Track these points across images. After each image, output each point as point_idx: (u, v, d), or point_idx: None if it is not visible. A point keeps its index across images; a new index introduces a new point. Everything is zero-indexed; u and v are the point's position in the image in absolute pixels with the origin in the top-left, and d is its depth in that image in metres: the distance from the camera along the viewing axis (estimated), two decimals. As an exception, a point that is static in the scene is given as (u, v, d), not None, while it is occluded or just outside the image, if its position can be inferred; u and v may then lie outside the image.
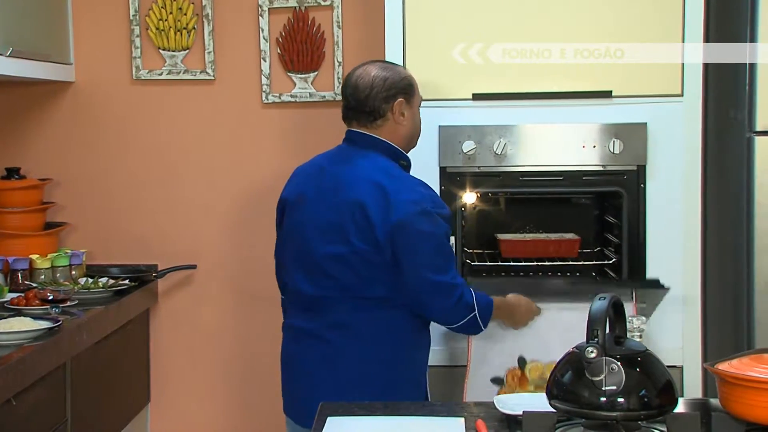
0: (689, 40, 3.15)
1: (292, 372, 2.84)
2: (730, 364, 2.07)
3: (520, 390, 2.97)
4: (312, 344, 2.76)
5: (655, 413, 1.95)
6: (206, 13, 3.80)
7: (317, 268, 2.72)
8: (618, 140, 3.15)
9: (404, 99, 2.78)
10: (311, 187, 2.79)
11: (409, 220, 2.63)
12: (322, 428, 2.15)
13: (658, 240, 3.20)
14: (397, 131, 2.79)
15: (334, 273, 2.70)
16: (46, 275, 3.54)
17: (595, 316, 1.96)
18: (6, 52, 3.18)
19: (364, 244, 2.65)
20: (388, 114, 2.77)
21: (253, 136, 3.85)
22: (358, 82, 2.78)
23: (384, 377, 2.71)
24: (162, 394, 3.96)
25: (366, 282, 2.68)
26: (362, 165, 2.73)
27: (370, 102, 2.76)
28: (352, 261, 2.67)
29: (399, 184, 2.69)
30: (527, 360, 3.02)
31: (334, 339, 2.72)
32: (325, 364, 2.73)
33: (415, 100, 2.83)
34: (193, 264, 3.85)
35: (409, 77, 2.82)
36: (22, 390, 2.63)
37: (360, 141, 2.79)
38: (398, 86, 2.77)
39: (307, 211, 2.77)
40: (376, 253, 2.64)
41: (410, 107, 2.80)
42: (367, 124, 2.78)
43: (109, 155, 3.89)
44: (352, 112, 2.80)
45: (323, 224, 2.72)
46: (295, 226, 2.81)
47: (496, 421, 2.16)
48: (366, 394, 2.57)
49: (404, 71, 2.84)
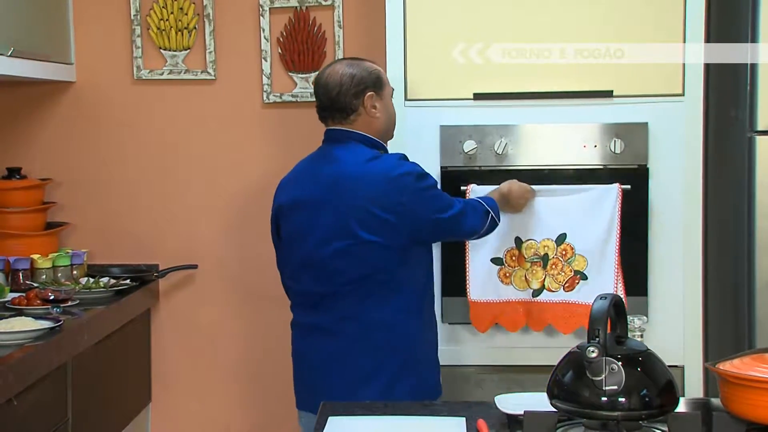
0: (690, 39, 3.15)
1: (305, 367, 2.90)
2: (732, 363, 2.07)
3: (519, 268, 3.14)
4: (322, 339, 2.83)
5: (656, 413, 1.95)
6: (207, 12, 3.80)
7: (324, 267, 2.78)
8: (619, 140, 3.15)
9: (373, 92, 2.84)
10: (306, 192, 2.83)
11: (412, 188, 2.74)
12: (323, 428, 2.16)
13: (660, 239, 3.20)
14: (371, 124, 2.86)
15: (341, 268, 2.76)
16: (47, 275, 3.54)
17: (596, 315, 1.96)
18: (7, 52, 3.18)
19: (374, 236, 2.72)
20: (360, 108, 2.84)
21: (254, 136, 3.85)
22: (328, 81, 2.85)
23: (398, 362, 2.78)
24: (163, 393, 3.96)
25: (374, 270, 2.75)
26: (347, 159, 2.80)
27: (341, 99, 2.83)
28: (358, 252, 2.73)
29: (386, 163, 2.78)
30: (522, 240, 3.14)
31: (344, 331, 2.79)
32: (339, 356, 2.79)
33: (385, 91, 2.89)
34: (194, 264, 3.86)
35: (376, 70, 2.88)
36: (23, 390, 2.63)
37: (339, 136, 2.86)
38: (366, 81, 2.84)
39: (307, 215, 2.81)
40: (393, 237, 2.73)
41: (381, 99, 2.87)
42: (342, 120, 2.85)
43: (110, 155, 3.89)
44: (327, 111, 2.87)
45: (325, 225, 2.76)
46: (297, 231, 2.84)
47: (497, 420, 2.16)
48: (382, 381, 2.72)
49: (371, 65, 2.89)
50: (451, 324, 3.24)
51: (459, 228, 2.87)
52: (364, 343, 2.78)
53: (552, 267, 3.13)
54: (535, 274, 3.14)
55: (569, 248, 3.12)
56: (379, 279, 2.76)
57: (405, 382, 2.78)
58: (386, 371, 2.77)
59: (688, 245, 3.19)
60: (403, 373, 2.78)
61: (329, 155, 2.85)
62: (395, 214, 2.72)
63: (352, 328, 2.79)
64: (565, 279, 3.13)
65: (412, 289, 2.82)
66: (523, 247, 3.15)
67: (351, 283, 2.76)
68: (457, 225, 2.85)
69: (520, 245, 3.15)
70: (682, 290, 3.20)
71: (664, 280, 3.19)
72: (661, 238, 3.20)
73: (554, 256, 3.13)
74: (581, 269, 3.12)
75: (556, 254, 3.13)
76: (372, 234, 2.72)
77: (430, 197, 2.78)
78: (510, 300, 3.16)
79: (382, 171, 2.75)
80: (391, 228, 2.72)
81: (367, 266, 2.75)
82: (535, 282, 3.14)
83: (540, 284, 3.14)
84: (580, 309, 3.10)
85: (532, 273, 3.14)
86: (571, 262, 3.12)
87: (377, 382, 2.76)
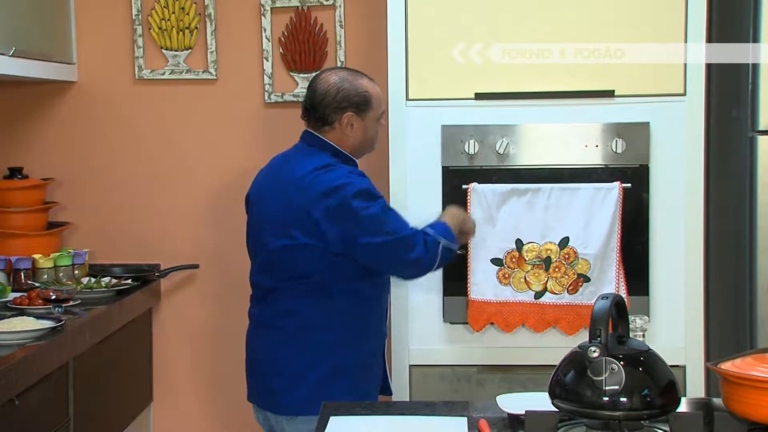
0: (692, 39, 3.15)
1: (249, 360, 2.98)
2: (733, 363, 2.07)
3: (518, 269, 3.13)
4: (265, 332, 2.91)
5: (657, 413, 1.95)
6: (209, 12, 3.81)
7: (270, 261, 2.84)
8: (620, 140, 3.15)
9: (354, 113, 2.85)
10: (266, 186, 2.92)
11: (345, 205, 2.71)
12: (324, 428, 2.16)
13: (661, 239, 3.20)
14: (343, 140, 2.87)
15: (282, 264, 2.81)
16: (48, 275, 3.54)
17: (597, 315, 1.96)
18: (9, 52, 3.18)
19: (308, 238, 2.75)
20: (336, 123, 2.85)
21: (255, 136, 3.85)
22: (317, 86, 2.88)
23: (330, 363, 2.82)
24: (165, 393, 3.96)
25: (310, 271, 2.78)
26: (303, 164, 2.83)
27: (321, 109, 2.85)
28: (296, 252, 2.77)
29: (332, 175, 2.77)
30: (523, 242, 3.13)
31: (283, 328, 2.85)
32: (277, 352, 2.85)
33: (370, 114, 2.87)
34: (196, 264, 3.86)
35: (365, 93, 2.86)
36: (25, 389, 2.64)
37: (310, 141, 2.90)
38: (350, 100, 2.84)
39: (263, 207, 2.89)
40: (323, 243, 2.75)
41: (361, 120, 2.86)
42: (317, 127, 2.88)
43: (112, 155, 3.89)
44: (308, 112, 2.90)
45: (274, 219, 2.83)
46: (253, 222, 2.95)
47: (499, 420, 2.16)
48: (312, 380, 2.78)
49: (364, 84, 2.87)
50: (452, 324, 3.24)
51: (397, 257, 2.75)
52: (299, 342, 2.82)
53: (555, 270, 3.13)
54: (537, 276, 3.14)
55: (572, 252, 3.12)
56: (315, 281, 2.79)
57: (337, 385, 2.81)
58: (318, 372, 2.80)
59: (689, 245, 3.19)
60: (335, 377, 2.80)
61: (292, 156, 2.91)
62: (327, 224, 2.73)
63: (291, 325, 2.82)
64: (568, 282, 3.13)
65: (348, 297, 2.82)
66: (523, 249, 3.15)
67: (290, 280, 2.81)
68: (394, 253, 2.74)
69: (521, 247, 3.15)
70: (683, 290, 3.19)
71: (666, 279, 3.19)
72: (662, 238, 3.20)
73: (557, 259, 3.13)
74: (584, 272, 3.12)
75: (559, 258, 3.13)
76: (307, 237, 2.75)
77: (361, 217, 2.72)
78: (507, 301, 3.16)
79: (323, 182, 2.75)
80: (323, 236, 2.74)
81: (304, 267, 2.78)
82: (537, 284, 3.14)
83: (542, 286, 3.14)
84: (583, 310, 3.11)
85: (534, 275, 3.14)
86: (575, 266, 3.13)
87: (309, 382, 2.80)
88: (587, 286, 3.13)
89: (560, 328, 3.15)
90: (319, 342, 2.81)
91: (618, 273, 3.12)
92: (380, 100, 2.92)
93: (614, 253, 3.12)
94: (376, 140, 2.95)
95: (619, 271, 3.13)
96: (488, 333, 3.22)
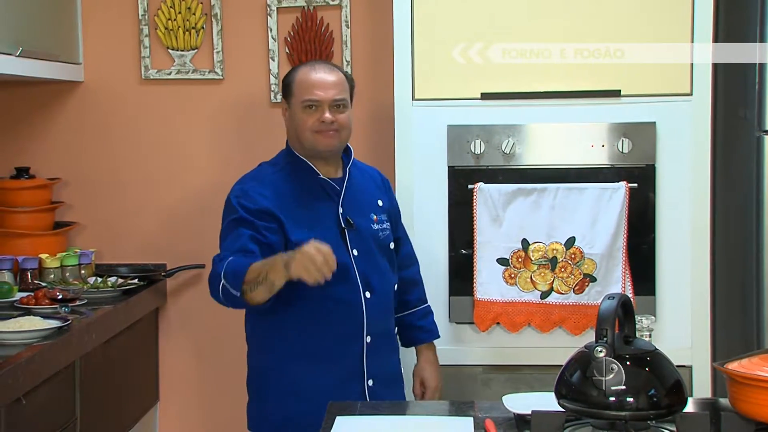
0: (698, 39, 3.14)
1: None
2: (740, 363, 2.07)
3: (524, 269, 3.13)
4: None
5: (664, 413, 1.95)
6: (215, 12, 3.81)
7: None
8: (627, 139, 3.15)
9: (285, 99, 2.87)
10: None
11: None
12: (330, 428, 2.16)
13: (667, 239, 3.19)
14: (287, 131, 2.90)
15: None
16: (55, 274, 3.54)
17: (603, 315, 1.96)
18: (15, 52, 3.19)
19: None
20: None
21: (261, 136, 3.85)
22: None
23: (255, 385, 2.87)
24: (171, 393, 3.96)
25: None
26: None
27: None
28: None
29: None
30: (530, 242, 3.13)
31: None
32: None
33: (293, 101, 2.82)
34: (202, 263, 3.86)
35: (291, 77, 2.84)
36: (32, 389, 2.64)
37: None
38: (283, 88, 2.88)
39: None
40: None
41: (289, 107, 2.85)
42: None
43: (118, 155, 3.89)
44: None
45: None
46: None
47: (505, 420, 2.16)
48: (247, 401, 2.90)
49: (297, 71, 2.83)
50: (458, 324, 3.24)
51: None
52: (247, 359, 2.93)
53: (561, 270, 3.13)
54: (543, 276, 3.14)
55: (578, 252, 3.12)
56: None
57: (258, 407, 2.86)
58: (249, 391, 2.90)
59: (696, 245, 3.18)
60: (260, 400, 2.85)
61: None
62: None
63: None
64: (575, 282, 3.13)
65: (257, 319, 2.84)
66: (530, 249, 3.15)
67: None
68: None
69: (527, 247, 3.15)
70: (690, 290, 3.19)
71: (672, 279, 3.19)
72: (668, 238, 3.19)
73: (563, 259, 3.13)
74: (590, 272, 3.12)
75: (565, 257, 3.13)
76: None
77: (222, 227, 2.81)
78: (513, 301, 3.16)
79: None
80: None
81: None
82: (543, 284, 3.14)
83: (548, 286, 3.14)
84: (590, 310, 3.11)
85: (540, 275, 3.14)
86: (581, 266, 3.12)
87: (247, 403, 2.91)
88: (593, 286, 3.13)
89: (566, 328, 3.15)
90: (251, 362, 2.93)
91: (624, 273, 3.12)
92: (306, 86, 2.75)
93: (620, 253, 3.12)
94: (306, 130, 2.76)
95: (626, 271, 3.13)
96: (494, 333, 3.22)
